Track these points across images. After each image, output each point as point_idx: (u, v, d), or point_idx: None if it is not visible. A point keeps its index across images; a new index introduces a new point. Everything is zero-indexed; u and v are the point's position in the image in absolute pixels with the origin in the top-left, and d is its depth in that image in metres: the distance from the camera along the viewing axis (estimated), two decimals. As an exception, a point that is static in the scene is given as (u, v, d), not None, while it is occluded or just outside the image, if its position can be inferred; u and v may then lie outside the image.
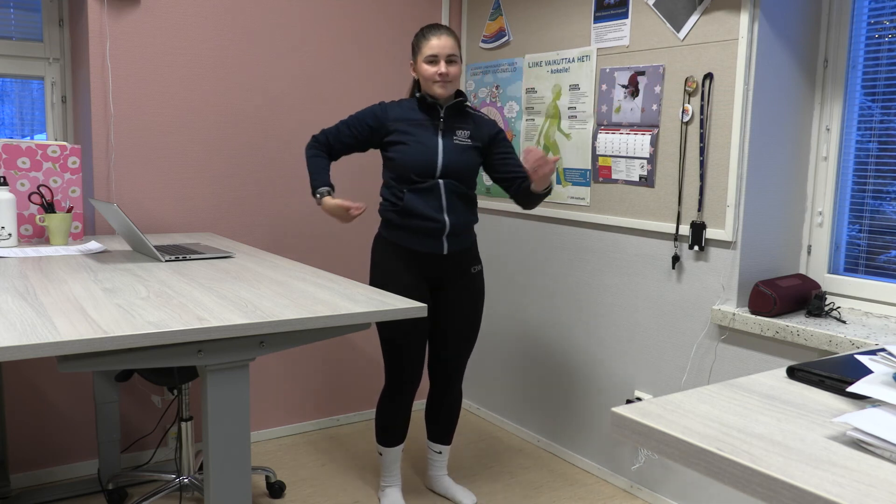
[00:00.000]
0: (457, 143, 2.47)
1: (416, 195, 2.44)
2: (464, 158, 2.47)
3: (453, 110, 2.51)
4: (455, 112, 2.51)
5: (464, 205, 2.49)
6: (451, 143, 2.46)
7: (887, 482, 0.74)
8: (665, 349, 2.67)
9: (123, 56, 2.81)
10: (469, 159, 2.48)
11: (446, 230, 2.45)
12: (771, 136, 2.42)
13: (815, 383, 1.05)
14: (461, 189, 2.47)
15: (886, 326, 2.18)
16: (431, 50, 2.42)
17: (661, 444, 0.87)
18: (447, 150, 2.45)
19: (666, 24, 2.59)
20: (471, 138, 2.50)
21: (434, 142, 2.45)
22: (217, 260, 2.30)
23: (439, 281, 2.56)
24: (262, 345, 1.61)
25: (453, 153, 2.45)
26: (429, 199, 2.44)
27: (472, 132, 2.51)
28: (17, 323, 1.44)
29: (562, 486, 2.89)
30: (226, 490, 1.63)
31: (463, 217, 2.49)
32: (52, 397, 2.81)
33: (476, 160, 2.52)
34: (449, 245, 2.49)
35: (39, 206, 2.52)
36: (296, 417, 3.35)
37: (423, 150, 2.43)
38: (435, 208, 2.44)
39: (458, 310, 2.57)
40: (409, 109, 2.50)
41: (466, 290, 2.58)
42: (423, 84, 2.48)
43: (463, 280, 2.57)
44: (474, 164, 2.51)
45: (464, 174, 2.47)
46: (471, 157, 2.49)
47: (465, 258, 2.56)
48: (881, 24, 2.31)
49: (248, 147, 3.10)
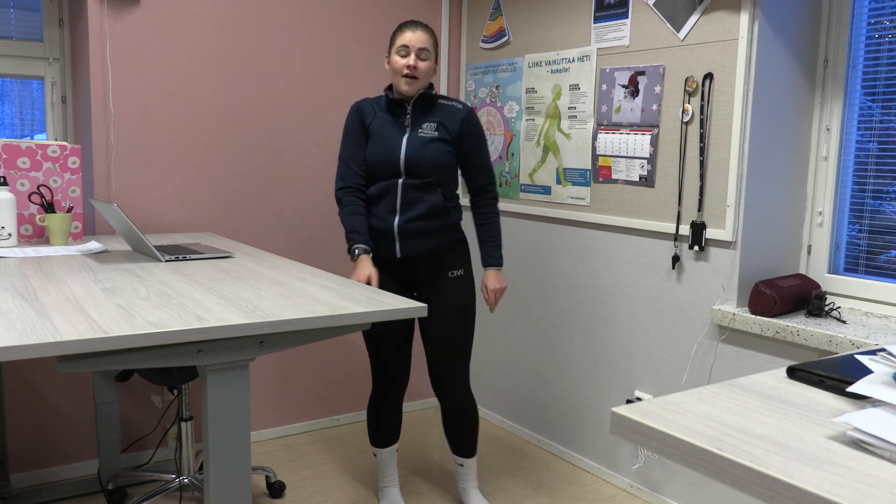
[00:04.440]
0: (421, 136, 2.37)
1: (375, 195, 2.40)
2: (427, 152, 2.35)
3: (421, 103, 2.42)
4: (423, 105, 2.42)
5: (427, 206, 2.37)
6: (415, 138, 2.37)
7: (887, 482, 0.74)
8: (665, 349, 2.67)
9: (123, 56, 2.81)
10: (433, 153, 2.36)
11: (395, 232, 2.38)
12: (771, 136, 2.42)
13: (815, 383, 1.05)
14: (425, 188, 2.37)
15: (886, 326, 2.18)
16: (403, 41, 2.35)
17: (661, 444, 0.87)
18: (410, 146, 2.36)
19: (666, 24, 2.59)
20: (437, 130, 2.38)
21: (399, 139, 2.37)
22: (217, 260, 2.30)
23: (412, 283, 2.49)
24: (261, 345, 1.61)
25: (416, 148, 2.36)
26: (384, 199, 2.39)
27: (441, 123, 2.39)
28: (17, 323, 1.44)
29: (562, 486, 2.89)
30: (226, 490, 1.63)
31: (420, 220, 2.38)
32: (52, 397, 2.81)
33: (443, 153, 2.38)
34: (402, 248, 2.40)
35: (39, 206, 2.52)
36: (296, 417, 3.35)
37: (387, 148, 2.37)
38: (387, 209, 2.38)
39: (437, 315, 2.46)
40: (379, 107, 2.45)
41: (442, 296, 2.45)
42: (392, 79, 2.41)
43: (438, 285, 2.46)
44: (441, 159, 2.37)
45: (429, 170, 2.36)
46: (435, 151, 2.36)
47: (437, 262, 2.45)
48: (881, 24, 2.31)
49: (249, 147, 3.10)
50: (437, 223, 2.41)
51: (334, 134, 3.30)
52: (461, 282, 2.48)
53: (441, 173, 2.39)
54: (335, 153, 3.31)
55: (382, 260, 2.46)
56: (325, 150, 3.28)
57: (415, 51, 2.35)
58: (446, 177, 2.41)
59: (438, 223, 2.41)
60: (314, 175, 3.26)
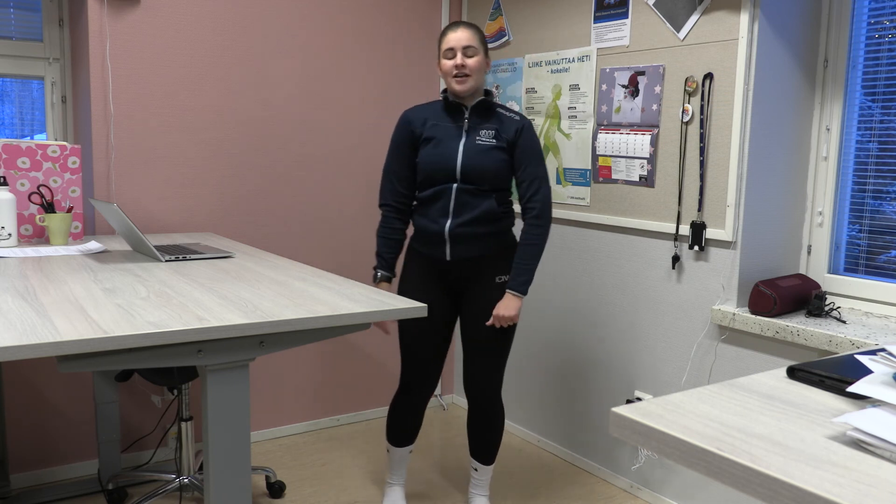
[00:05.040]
0: (478, 144, 2.36)
1: (427, 199, 2.41)
2: (485, 160, 2.34)
3: (479, 109, 2.41)
4: (481, 111, 2.41)
5: (480, 211, 2.36)
6: (472, 144, 2.36)
7: (887, 482, 0.74)
8: (665, 349, 2.67)
9: (123, 56, 2.81)
10: (491, 160, 2.35)
11: (445, 236, 2.39)
12: (771, 136, 2.42)
13: (815, 383, 1.05)
14: (480, 193, 2.36)
15: (886, 326, 2.18)
16: (448, 44, 2.36)
17: (661, 444, 0.87)
18: (467, 152, 2.36)
19: (666, 24, 2.59)
20: (496, 138, 2.37)
21: (456, 144, 2.37)
22: (217, 260, 2.30)
23: (458, 287, 2.48)
24: (261, 345, 1.61)
25: (473, 154, 2.35)
26: (437, 202, 2.39)
27: (498, 131, 2.38)
28: (17, 323, 1.44)
29: (562, 486, 2.89)
30: (226, 490, 1.63)
31: (472, 224, 2.37)
32: (52, 397, 2.81)
33: (499, 160, 2.36)
34: (453, 252, 2.40)
35: (39, 206, 2.52)
36: (296, 417, 3.35)
37: (444, 153, 2.36)
38: (439, 212, 2.39)
39: (476, 319, 2.43)
40: (435, 111, 2.45)
41: (483, 300, 2.42)
42: (445, 82, 2.43)
43: (483, 289, 2.43)
44: (498, 166, 2.36)
45: (485, 176, 2.35)
46: (493, 158, 2.35)
47: (485, 266, 2.42)
48: (881, 24, 2.31)
49: (249, 147, 3.10)
50: (488, 228, 2.39)
51: (334, 133, 3.30)
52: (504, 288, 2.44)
53: (496, 181, 2.38)
54: (335, 153, 3.31)
55: (431, 261, 2.46)
56: (324, 150, 3.28)
57: (460, 50, 2.35)
58: (501, 184, 2.39)
59: (489, 228, 2.39)
60: (314, 175, 3.26)
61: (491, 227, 2.40)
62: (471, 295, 2.45)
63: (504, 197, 2.42)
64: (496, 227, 2.41)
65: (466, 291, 2.47)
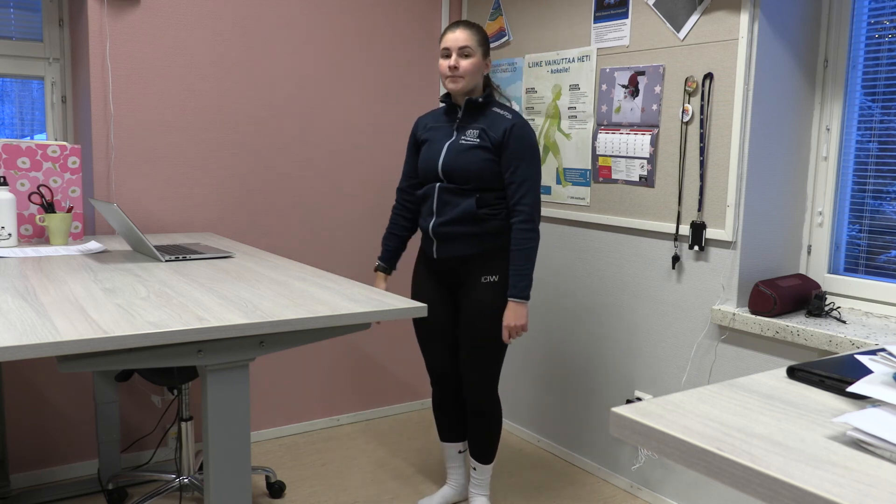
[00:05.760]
0: (461, 143, 2.37)
1: (421, 197, 2.50)
2: (464, 159, 2.34)
3: (471, 109, 2.42)
4: (472, 111, 2.42)
5: (460, 211, 2.36)
6: (456, 144, 2.38)
7: (887, 482, 0.74)
8: (665, 349, 2.67)
9: (123, 56, 2.81)
10: (470, 160, 2.34)
11: (430, 234, 2.44)
12: (771, 136, 2.42)
13: (815, 383, 1.05)
14: (462, 193, 2.37)
15: (886, 326, 2.18)
16: (445, 44, 2.39)
17: (661, 444, 0.87)
18: (449, 152, 2.39)
19: (666, 24, 2.59)
20: (479, 137, 2.35)
21: (442, 144, 2.42)
22: (217, 260, 2.30)
23: (452, 286, 2.52)
24: (261, 345, 1.61)
25: (454, 154, 2.36)
26: (426, 202, 2.47)
27: (484, 130, 2.36)
28: (17, 323, 1.44)
29: (562, 486, 2.89)
30: (226, 490, 1.63)
31: (452, 224, 2.38)
32: (52, 397, 2.81)
33: (481, 160, 2.34)
34: (439, 250, 2.44)
35: (39, 206, 2.52)
36: (296, 417, 3.35)
37: (431, 154, 2.44)
38: (427, 210, 2.46)
39: (466, 319, 2.45)
40: (438, 114, 2.52)
41: (470, 300, 2.43)
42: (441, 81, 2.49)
43: (470, 289, 2.43)
44: (480, 166, 2.34)
45: (466, 176, 2.35)
46: (474, 158, 2.34)
47: (472, 266, 2.42)
48: (881, 24, 2.31)
49: (248, 147, 3.10)
50: (471, 229, 2.38)
51: (334, 133, 3.30)
52: (494, 288, 2.41)
53: (479, 181, 2.36)
54: (335, 153, 3.31)
55: (427, 258, 2.54)
56: (324, 150, 3.28)
57: (455, 50, 2.37)
58: (485, 184, 2.37)
59: (472, 229, 2.38)
60: (314, 175, 3.26)
61: (474, 228, 2.38)
62: (462, 295, 2.49)
63: (490, 198, 2.38)
64: (480, 227, 2.38)
65: (459, 290, 2.51)
